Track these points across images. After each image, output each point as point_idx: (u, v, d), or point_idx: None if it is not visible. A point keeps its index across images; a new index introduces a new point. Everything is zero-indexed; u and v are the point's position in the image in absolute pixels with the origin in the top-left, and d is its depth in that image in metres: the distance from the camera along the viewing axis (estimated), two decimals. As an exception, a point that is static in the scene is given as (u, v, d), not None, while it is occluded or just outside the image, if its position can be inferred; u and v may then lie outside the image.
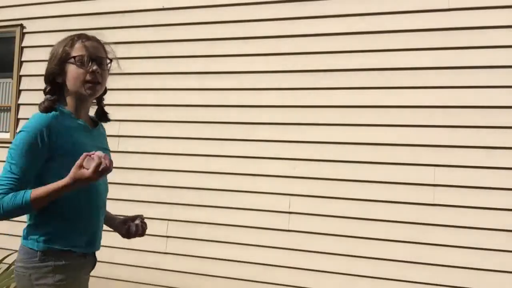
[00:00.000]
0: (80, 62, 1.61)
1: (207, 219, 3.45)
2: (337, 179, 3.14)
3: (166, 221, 3.55)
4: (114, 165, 4.06)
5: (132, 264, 3.62)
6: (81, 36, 1.68)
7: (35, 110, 4.37)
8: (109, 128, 3.76)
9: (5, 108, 4.44)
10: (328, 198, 3.14)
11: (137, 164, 3.69)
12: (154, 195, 3.61)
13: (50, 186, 1.49)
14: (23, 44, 4.19)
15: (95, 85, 1.64)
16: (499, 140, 2.82)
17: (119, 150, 3.74)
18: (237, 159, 3.40)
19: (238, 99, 3.44)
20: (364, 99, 3.11)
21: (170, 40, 3.66)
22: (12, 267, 3.85)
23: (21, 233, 4.01)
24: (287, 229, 3.24)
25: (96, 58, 1.64)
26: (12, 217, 1.55)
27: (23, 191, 1.49)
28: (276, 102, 3.34)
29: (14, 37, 4.22)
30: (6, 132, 4.34)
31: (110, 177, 3.95)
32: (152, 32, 3.72)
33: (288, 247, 3.21)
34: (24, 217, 1.58)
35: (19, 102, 4.17)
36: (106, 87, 1.76)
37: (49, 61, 1.67)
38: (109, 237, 3.69)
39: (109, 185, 3.85)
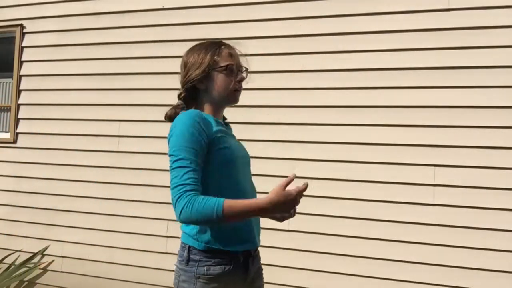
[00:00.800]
0: (230, 71, 1.64)
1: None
2: (337, 179, 3.14)
3: (166, 221, 3.55)
4: (114, 165, 4.05)
5: (132, 264, 3.62)
6: (225, 44, 1.69)
7: (35, 110, 4.41)
8: (109, 128, 3.77)
9: (5, 108, 4.45)
10: (327, 198, 3.14)
11: (137, 164, 3.69)
12: (154, 195, 3.61)
13: (246, 201, 1.44)
14: (23, 44, 4.19)
15: (239, 93, 1.70)
16: (499, 140, 2.82)
17: (119, 150, 3.74)
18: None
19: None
20: (364, 99, 3.12)
21: (170, 40, 3.66)
22: (12, 267, 3.85)
23: (20, 233, 4.02)
24: (287, 229, 3.23)
25: (241, 67, 1.69)
26: (194, 224, 1.49)
27: (215, 198, 1.42)
28: (276, 102, 3.34)
29: (14, 37, 4.23)
30: (6, 132, 4.35)
31: (110, 177, 3.95)
32: (152, 32, 3.72)
33: (288, 247, 3.20)
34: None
35: (19, 102, 4.18)
36: None
37: (190, 67, 1.66)
38: (109, 236, 3.71)
39: (109, 185, 3.86)
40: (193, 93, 1.68)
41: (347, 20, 3.20)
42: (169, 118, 1.66)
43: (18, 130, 4.15)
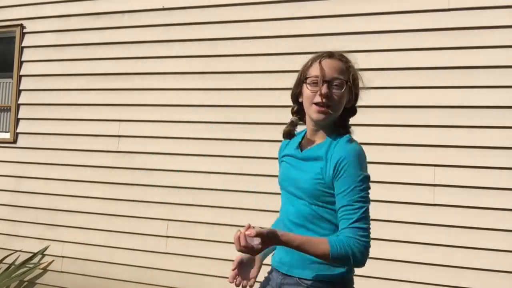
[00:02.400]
0: (312, 84, 1.52)
1: (207, 219, 3.45)
2: (337, 179, 3.12)
3: (166, 221, 3.55)
4: (114, 165, 4.02)
5: (132, 264, 3.62)
6: (323, 55, 1.56)
7: (35, 110, 4.43)
8: (109, 128, 3.76)
9: (5, 108, 4.45)
10: (328, 198, 3.12)
11: (137, 164, 3.69)
12: (154, 195, 3.60)
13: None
14: (23, 44, 4.19)
15: (324, 108, 1.51)
16: (499, 140, 2.81)
17: (119, 150, 3.74)
18: (237, 159, 3.39)
19: (238, 99, 3.43)
20: (363, 99, 3.10)
21: (170, 40, 3.66)
22: (12, 267, 3.85)
23: (20, 234, 4.01)
24: (287, 229, 3.23)
25: (330, 79, 1.51)
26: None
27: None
28: (276, 102, 3.33)
29: (14, 37, 4.23)
30: (6, 132, 4.35)
31: (110, 177, 3.93)
32: (152, 32, 3.72)
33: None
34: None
35: (19, 102, 4.17)
36: (355, 108, 1.67)
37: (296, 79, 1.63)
38: (109, 236, 3.71)
39: (109, 185, 3.84)
40: (302, 107, 1.61)
41: (347, 20, 3.19)
42: (285, 135, 1.66)
43: (18, 130, 4.15)
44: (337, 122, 1.58)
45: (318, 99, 1.50)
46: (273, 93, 3.35)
